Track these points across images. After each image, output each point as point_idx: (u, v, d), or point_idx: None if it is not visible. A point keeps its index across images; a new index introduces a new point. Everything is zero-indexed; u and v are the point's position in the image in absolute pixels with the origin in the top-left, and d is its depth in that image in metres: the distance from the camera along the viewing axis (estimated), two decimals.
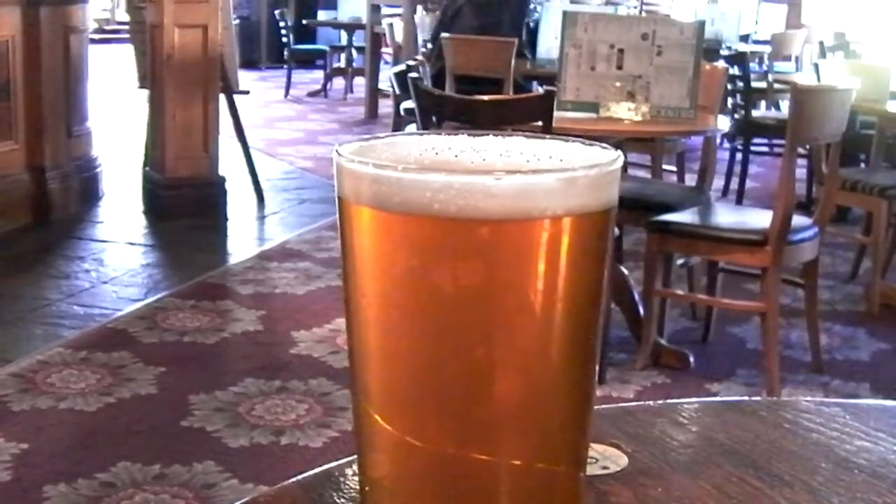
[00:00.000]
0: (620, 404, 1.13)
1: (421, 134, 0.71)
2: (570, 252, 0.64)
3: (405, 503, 0.70)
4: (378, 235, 0.65)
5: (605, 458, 0.96)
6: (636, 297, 5.16)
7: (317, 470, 0.94)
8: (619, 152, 0.66)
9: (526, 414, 0.66)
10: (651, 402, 1.12)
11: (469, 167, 0.68)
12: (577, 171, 0.63)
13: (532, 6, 8.58)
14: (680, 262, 5.37)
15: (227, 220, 7.59)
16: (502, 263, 0.63)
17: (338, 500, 0.90)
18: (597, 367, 0.70)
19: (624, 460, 0.96)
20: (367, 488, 0.72)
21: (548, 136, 0.71)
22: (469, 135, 0.71)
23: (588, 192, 0.64)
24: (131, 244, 6.98)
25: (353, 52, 15.64)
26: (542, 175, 0.62)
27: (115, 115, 11.22)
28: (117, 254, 6.72)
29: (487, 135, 0.71)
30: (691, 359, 5.05)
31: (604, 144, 0.68)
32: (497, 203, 0.61)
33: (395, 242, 0.65)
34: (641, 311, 5.04)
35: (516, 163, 0.69)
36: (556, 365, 0.67)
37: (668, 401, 1.12)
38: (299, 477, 0.94)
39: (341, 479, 0.93)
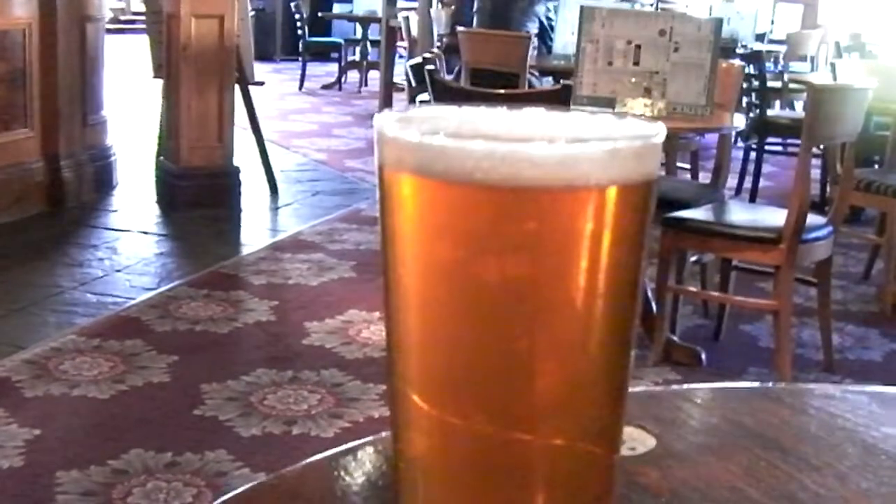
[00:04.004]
0: (646, 388, 1.13)
1: (459, 106, 0.71)
2: (613, 223, 0.63)
3: (441, 481, 0.70)
4: (420, 203, 0.64)
5: (633, 440, 0.96)
6: (649, 293, 5.16)
7: (340, 448, 0.95)
8: (662, 124, 0.66)
9: (565, 401, 0.66)
10: (676, 387, 1.12)
11: (512, 136, 0.68)
12: (619, 142, 0.63)
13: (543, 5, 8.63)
14: (693, 259, 5.37)
15: (240, 210, 7.59)
16: (545, 232, 0.62)
17: (362, 478, 0.90)
18: (633, 353, 0.70)
19: (651, 442, 0.96)
20: (401, 465, 0.72)
21: (582, 108, 0.70)
22: (507, 107, 0.71)
23: (631, 164, 0.63)
24: (145, 233, 6.99)
25: (368, 45, 15.63)
26: (587, 144, 0.62)
27: (130, 104, 11.23)
28: (131, 243, 6.73)
29: (525, 107, 0.71)
30: (703, 356, 5.04)
31: (639, 117, 0.68)
32: (540, 172, 0.61)
33: (436, 209, 0.64)
34: (654, 307, 5.04)
35: (558, 133, 0.69)
36: (596, 348, 0.66)
37: (693, 385, 1.12)
38: (323, 454, 0.94)
39: (365, 457, 0.93)
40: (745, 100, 8.53)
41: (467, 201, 0.63)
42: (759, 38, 12.18)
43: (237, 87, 7.69)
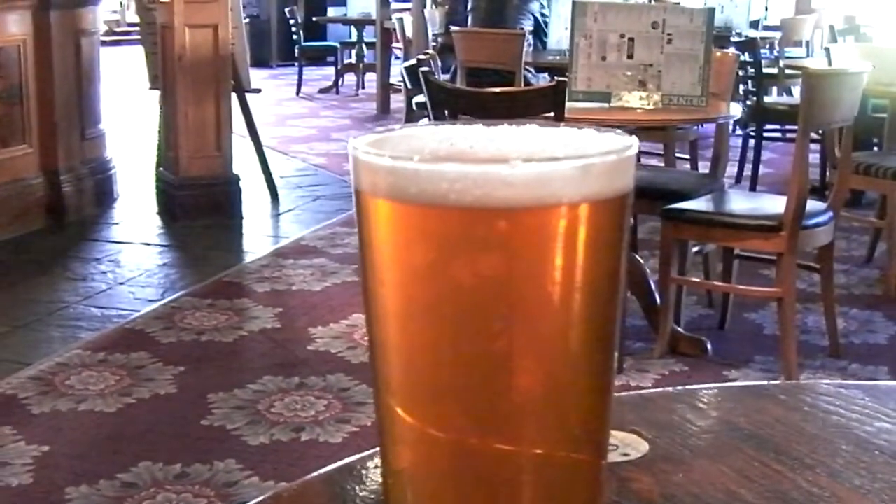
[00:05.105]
0: (640, 391, 1.13)
1: (436, 125, 0.71)
2: (586, 239, 0.64)
3: (428, 494, 0.70)
4: (395, 227, 0.65)
5: (626, 445, 0.96)
6: (652, 285, 5.16)
7: (339, 463, 0.95)
8: (634, 138, 0.66)
9: (547, 403, 0.67)
10: (670, 389, 1.13)
11: (485, 157, 0.69)
12: (592, 158, 0.63)
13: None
14: (695, 249, 5.37)
15: (241, 218, 7.59)
16: (519, 251, 0.63)
17: (360, 494, 0.90)
18: (616, 355, 0.71)
19: (644, 447, 0.97)
20: (389, 480, 0.73)
21: (561, 124, 0.71)
22: (484, 124, 0.71)
23: (604, 179, 0.64)
24: (147, 245, 7.00)
25: (364, 47, 15.64)
26: (558, 163, 0.62)
27: (128, 116, 11.24)
28: (133, 255, 6.74)
29: (502, 124, 0.71)
30: (709, 346, 5.04)
31: (618, 130, 0.68)
32: (513, 192, 0.62)
33: (412, 233, 0.65)
34: (658, 299, 5.04)
35: (531, 151, 0.69)
36: (575, 353, 0.67)
37: (687, 387, 1.13)
38: (321, 471, 0.94)
39: (363, 472, 0.94)
40: (741, 87, 8.52)
41: (442, 223, 0.63)
42: (754, 24, 12.17)
43: (234, 95, 7.69)
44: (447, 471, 0.69)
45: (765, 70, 8.99)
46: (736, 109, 5.48)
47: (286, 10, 16.62)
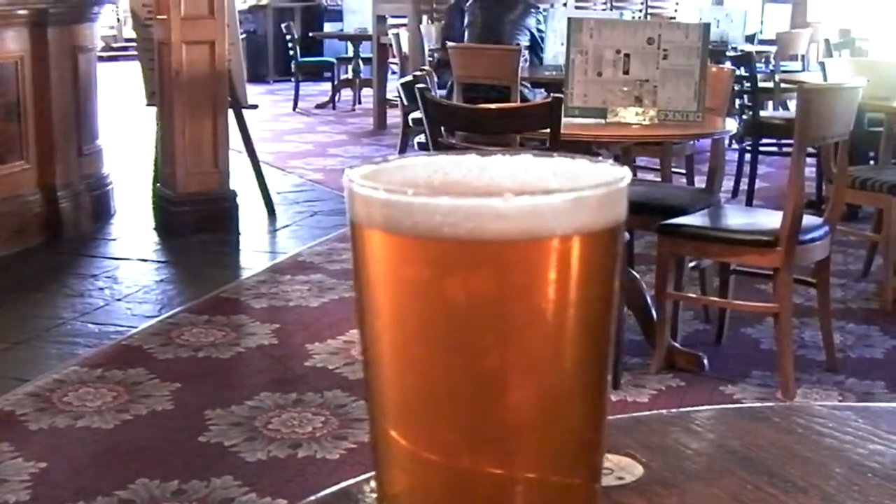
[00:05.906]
0: (634, 414, 1.14)
1: (429, 155, 0.72)
2: (578, 268, 0.65)
3: None
4: (389, 257, 0.66)
5: (621, 469, 0.97)
6: (648, 301, 5.16)
7: (334, 488, 0.95)
8: (627, 169, 0.67)
9: (539, 426, 0.67)
10: (664, 411, 1.13)
11: (478, 189, 0.69)
12: (584, 191, 0.64)
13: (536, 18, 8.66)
14: (691, 264, 5.37)
15: (238, 234, 7.59)
16: (511, 282, 0.64)
17: None
18: (609, 378, 0.71)
19: (639, 470, 0.97)
20: None
21: (555, 154, 0.71)
22: (478, 154, 0.72)
23: (596, 211, 0.65)
24: (144, 261, 7.00)
25: (360, 63, 15.63)
26: (551, 196, 0.63)
27: (125, 132, 11.25)
28: (130, 271, 6.74)
29: (496, 154, 0.72)
30: (705, 361, 5.04)
31: (611, 161, 0.69)
32: (506, 224, 0.62)
33: (406, 264, 0.66)
34: (654, 314, 5.04)
35: (524, 182, 0.70)
36: (568, 376, 0.67)
37: (682, 409, 1.13)
38: (317, 495, 0.94)
39: (359, 496, 0.94)
40: (737, 102, 8.53)
41: (436, 254, 0.64)
42: (750, 39, 12.20)
43: (231, 111, 7.69)
44: (440, 496, 0.69)
45: (761, 84, 9.00)
46: (731, 124, 5.49)
47: (283, 25, 16.63)
